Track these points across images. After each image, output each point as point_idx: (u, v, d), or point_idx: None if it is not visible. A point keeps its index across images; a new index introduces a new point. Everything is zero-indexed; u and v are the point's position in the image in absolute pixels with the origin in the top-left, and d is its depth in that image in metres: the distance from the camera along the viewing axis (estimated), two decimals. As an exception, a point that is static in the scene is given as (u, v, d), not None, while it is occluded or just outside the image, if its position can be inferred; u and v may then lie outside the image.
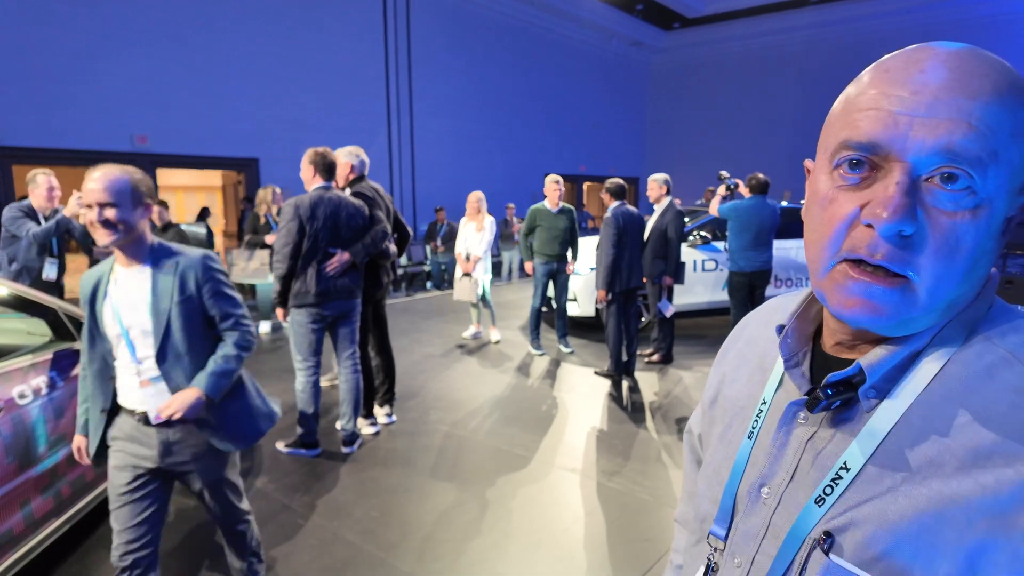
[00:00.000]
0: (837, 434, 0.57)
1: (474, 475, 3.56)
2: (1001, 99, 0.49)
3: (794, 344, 0.65)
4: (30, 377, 2.44)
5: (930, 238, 0.50)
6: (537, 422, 4.34)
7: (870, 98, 0.53)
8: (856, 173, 0.53)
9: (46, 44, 8.89)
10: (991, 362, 0.52)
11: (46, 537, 2.44)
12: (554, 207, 5.77)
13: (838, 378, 0.57)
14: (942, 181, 0.50)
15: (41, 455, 2.41)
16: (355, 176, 3.99)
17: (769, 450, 0.63)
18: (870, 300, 0.52)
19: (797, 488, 0.59)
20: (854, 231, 0.53)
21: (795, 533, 0.57)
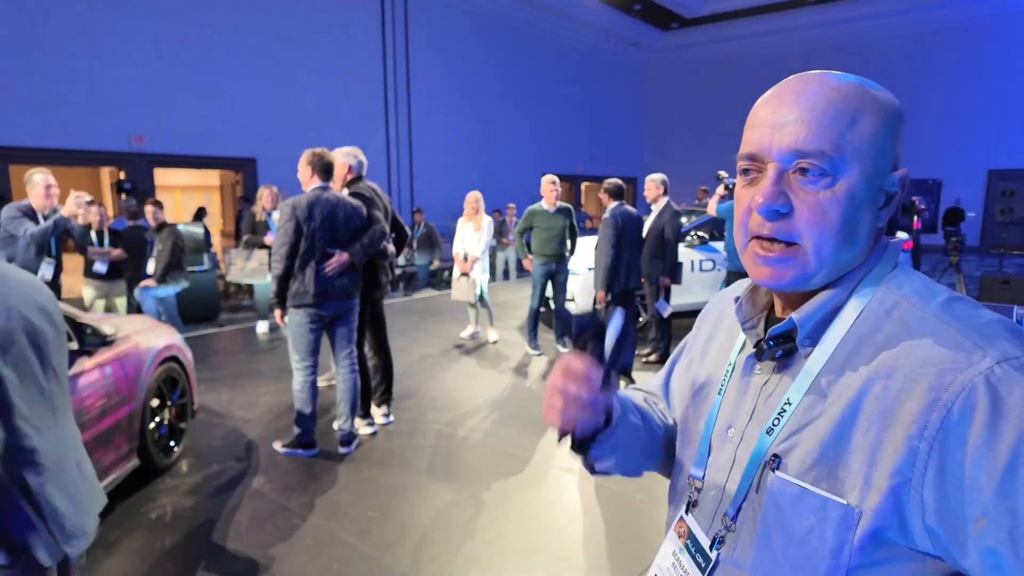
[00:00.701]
0: (783, 378, 0.72)
1: (471, 475, 3.56)
2: (835, 107, 0.66)
3: (748, 310, 0.79)
4: (26, 378, 2.43)
5: (801, 211, 0.66)
6: (534, 422, 4.34)
7: (755, 119, 0.71)
8: (749, 176, 0.71)
9: (44, 44, 8.88)
10: (890, 306, 0.67)
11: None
12: (551, 207, 5.76)
13: (778, 331, 0.72)
14: (801, 172, 0.66)
15: (37, 456, 2.41)
16: (353, 176, 3.98)
17: (734, 398, 0.78)
18: (772, 267, 0.68)
19: (754, 425, 0.73)
20: (752, 216, 0.70)
21: (753, 459, 0.71)
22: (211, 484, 3.43)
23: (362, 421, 4.11)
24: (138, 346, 3.32)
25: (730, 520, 0.72)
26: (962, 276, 8.99)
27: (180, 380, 3.75)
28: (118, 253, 6.36)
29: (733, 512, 0.72)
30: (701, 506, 0.79)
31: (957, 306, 0.64)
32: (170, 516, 3.08)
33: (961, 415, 0.56)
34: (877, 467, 0.59)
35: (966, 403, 0.56)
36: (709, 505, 0.77)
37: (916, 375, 0.59)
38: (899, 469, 0.58)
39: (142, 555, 2.75)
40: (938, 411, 0.57)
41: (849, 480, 0.61)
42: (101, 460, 2.87)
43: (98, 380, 2.88)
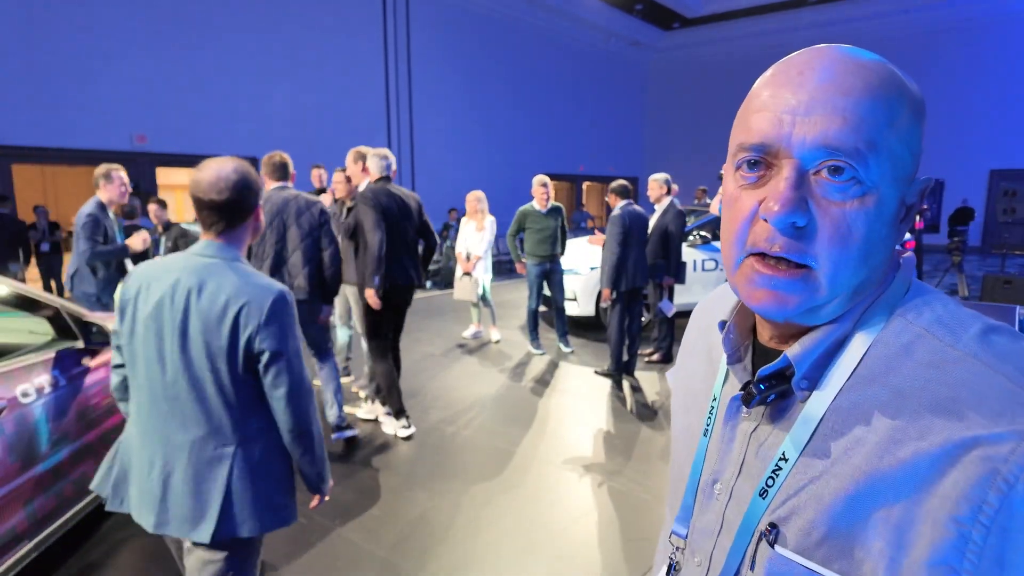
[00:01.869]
0: (776, 426, 0.59)
1: (475, 475, 3.57)
2: (872, 94, 0.52)
3: (736, 339, 0.65)
4: (33, 376, 2.44)
5: (824, 227, 0.53)
6: (537, 422, 4.35)
7: (761, 102, 0.56)
8: (754, 172, 0.56)
9: (46, 43, 8.89)
10: (908, 340, 0.54)
11: (48, 536, 2.45)
12: (543, 208, 5.79)
13: (769, 372, 0.59)
14: (828, 174, 0.53)
15: (44, 454, 2.42)
16: (379, 177, 3.98)
17: (719, 446, 0.64)
18: (775, 291, 0.55)
19: (744, 482, 0.60)
20: (755, 226, 0.56)
21: (745, 527, 0.58)
22: (216, 482, 3.44)
23: (397, 423, 4.09)
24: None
25: None
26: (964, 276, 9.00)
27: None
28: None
29: None
30: (684, 573, 0.68)
31: (998, 341, 0.51)
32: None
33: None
34: (908, 552, 0.47)
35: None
36: (693, 573, 0.66)
37: (961, 439, 0.47)
38: (942, 559, 0.46)
39: (148, 554, 2.77)
40: (996, 488, 0.45)
41: (868, 562, 0.49)
42: (107, 458, 2.88)
43: (104, 378, 2.88)
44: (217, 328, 1.52)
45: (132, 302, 1.60)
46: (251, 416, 1.59)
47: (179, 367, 1.54)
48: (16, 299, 2.61)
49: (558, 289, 5.96)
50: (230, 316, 1.52)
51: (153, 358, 1.56)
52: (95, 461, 2.75)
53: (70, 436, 2.58)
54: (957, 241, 9.13)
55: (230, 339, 1.52)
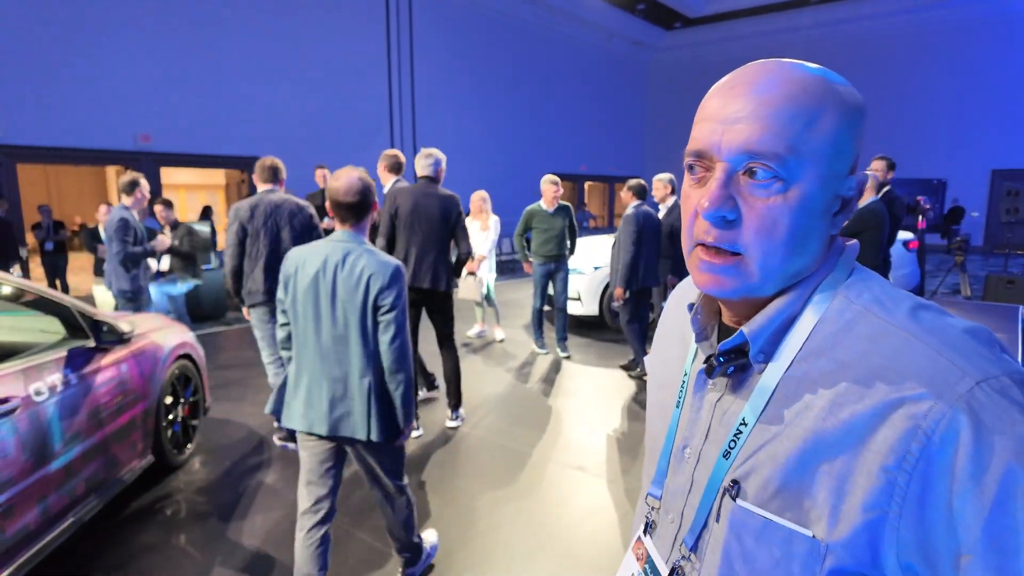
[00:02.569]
0: (737, 395, 0.67)
1: (480, 473, 3.58)
2: (793, 104, 0.59)
3: (703, 319, 0.73)
4: (45, 374, 2.46)
5: (750, 220, 0.60)
6: (543, 420, 4.36)
7: (703, 113, 0.65)
8: (696, 175, 0.65)
9: (50, 43, 8.90)
10: (850, 318, 0.61)
11: (61, 533, 2.47)
12: (550, 207, 5.76)
13: (728, 346, 0.66)
14: (752, 175, 0.60)
15: (56, 452, 2.43)
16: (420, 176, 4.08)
17: (689, 415, 0.73)
18: (715, 275, 0.63)
19: (710, 446, 0.68)
20: (697, 221, 0.64)
21: (711, 484, 0.66)
22: (224, 481, 3.45)
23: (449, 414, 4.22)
24: (153, 344, 3.35)
25: (688, 550, 0.68)
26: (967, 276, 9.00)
27: (193, 378, 3.77)
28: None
29: (692, 541, 0.68)
30: (659, 530, 0.75)
31: (925, 316, 0.59)
32: (185, 512, 3.11)
33: (943, 444, 0.51)
34: (846, 499, 0.55)
35: (948, 432, 0.51)
36: (667, 530, 0.73)
37: (890, 400, 0.54)
38: (874, 503, 0.54)
39: (160, 551, 2.78)
40: (918, 440, 0.52)
41: (815, 510, 0.57)
42: (118, 456, 2.90)
43: (114, 377, 2.90)
44: (355, 291, 2.12)
45: (292, 277, 2.20)
46: (376, 359, 2.19)
47: (332, 323, 2.15)
48: (28, 298, 2.62)
49: (561, 290, 5.90)
50: (363, 282, 2.12)
51: (310, 316, 2.17)
52: (106, 459, 2.78)
53: (81, 434, 2.59)
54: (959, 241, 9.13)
55: (363, 299, 2.13)
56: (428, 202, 3.98)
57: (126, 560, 2.71)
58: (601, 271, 6.87)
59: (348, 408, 2.16)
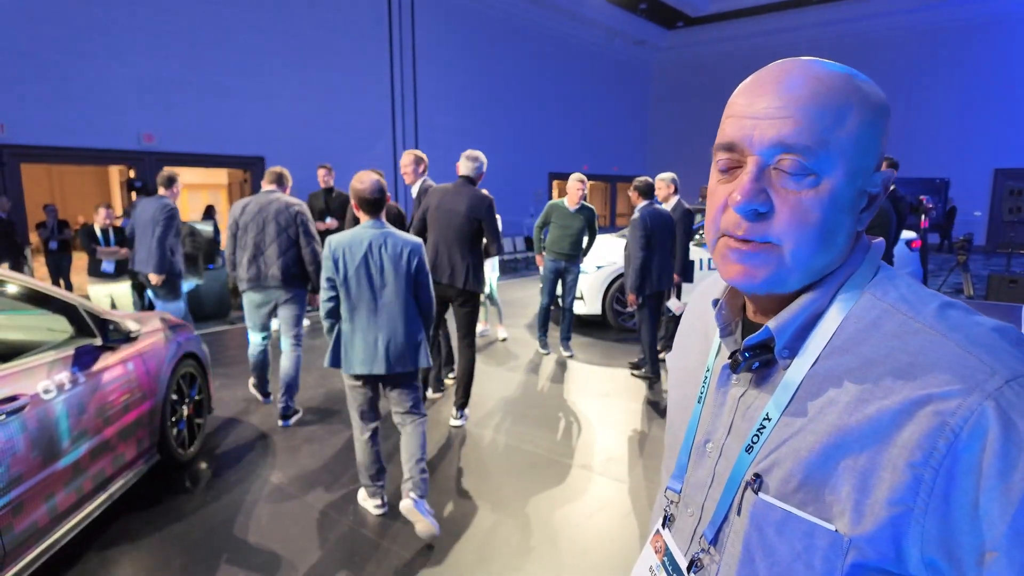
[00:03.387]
0: (761, 390, 0.67)
1: (485, 472, 3.59)
2: (823, 99, 0.61)
3: (727, 315, 0.74)
4: (53, 373, 2.47)
5: (783, 211, 0.61)
6: (547, 419, 4.38)
7: (733, 108, 0.66)
8: (726, 169, 0.66)
9: (54, 43, 8.93)
10: (876, 315, 0.62)
11: (69, 530, 2.48)
12: (572, 206, 5.71)
13: (753, 342, 0.67)
14: (785, 167, 0.61)
15: (65, 449, 2.45)
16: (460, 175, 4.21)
17: (712, 409, 0.73)
18: (745, 264, 0.63)
19: (733, 440, 0.69)
20: (725, 214, 0.65)
21: (733, 478, 0.67)
22: (230, 479, 3.47)
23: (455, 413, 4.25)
24: (159, 342, 3.36)
25: (708, 543, 0.69)
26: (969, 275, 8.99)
27: (198, 376, 3.79)
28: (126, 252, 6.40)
29: (712, 535, 0.68)
30: (678, 523, 0.76)
31: (952, 314, 0.59)
32: (191, 510, 3.12)
33: (970, 441, 0.52)
34: (871, 494, 0.55)
35: (975, 428, 0.51)
36: (687, 523, 0.74)
37: (917, 397, 0.55)
38: (900, 498, 0.54)
39: (166, 548, 2.79)
40: (945, 437, 0.52)
41: (837, 505, 0.57)
42: (124, 453, 2.91)
43: (121, 375, 2.92)
44: (399, 262, 2.87)
45: (341, 258, 2.84)
46: (415, 314, 2.96)
47: (383, 289, 2.88)
48: (36, 297, 2.64)
49: (569, 290, 5.86)
50: (404, 255, 2.89)
51: (366, 286, 2.86)
52: (113, 456, 2.79)
53: (89, 432, 2.61)
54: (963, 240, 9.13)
55: (406, 268, 2.89)
56: (455, 200, 4.06)
57: (132, 557, 2.73)
58: (604, 270, 6.87)
59: (401, 351, 2.90)
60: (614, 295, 6.90)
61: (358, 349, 2.87)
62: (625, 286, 5.09)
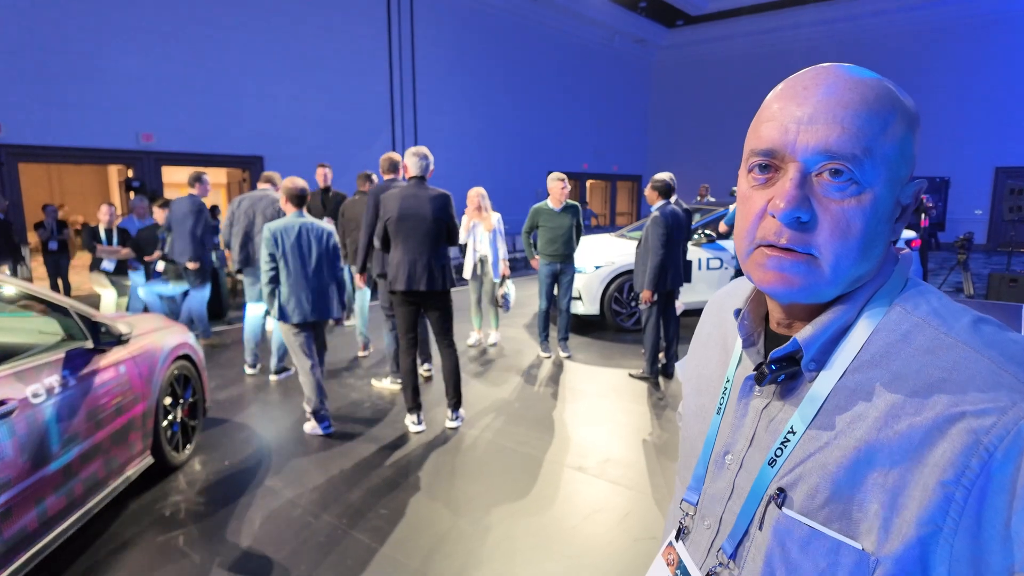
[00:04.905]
0: (786, 403, 0.66)
1: (482, 474, 3.58)
2: (869, 107, 0.59)
3: (750, 325, 0.73)
4: (43, 376, 2.46)
5: (825, 222, 0.60)
6: (545, 421, 4.36)
7: (771, 112, 0.64)
8: (763, 175, 0.63)
9: (52, 43, 8.91)
10: (907, 329, 0.61)
11: (59, 535, 2.47)
12: (557, 206, 5.70)
13: (780, 354, 0.65)
14: (829, 175, 0.59)
15: (55, 454, 2.43)
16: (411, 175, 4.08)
17: (732, 421, 0.71)
18: (783, 273, 0.62)
19: (755, 452, 0.67)
20: (764, 222, 0.63)
21: (754, 492, 0.65)
22: (224, 481, 3.45)
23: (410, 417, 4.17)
24: (151, 345, 3.34)
25: (727, 557, 0.67)
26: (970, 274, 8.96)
27: (192, 378, 3.77)
28: (126, 252, 6.40)
29: (731, 549, 0.66)
30: (694, 536, 0.74)
31: (986, 330, 0.58)
32: (184, 513, 3.10)
33: (1005, 460, 0.50)
34: (900, 512, 0.54)
35: (1011, 448, 0.50)
36: (703, 536, 0.72)
37: (950, 414, 0.53)
38: (930, 517, 0.52)
39: (158, 552, 2.78)
40: (978, 455, 0.51)
41: (865, 522, 0.56)
42: (116, 457, 2.90)
43: (113, 378, 2.90)
44: (321, 241, 3.99)
45: (280, 239, 3.87)
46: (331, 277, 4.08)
47: (311, 261, 3.95)
48: (26, 300, 2.62)
49: (565, 291, 5.84)
50: (324, 236, 4.02)
51: (299, 263, 3.91)
52: (104, 460, 2.78)
53: (80, 436, 2.59)
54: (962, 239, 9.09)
55: (326, 245, 4.01)
56: (418, 204, 3.96)
57: (123, 562, 2.71)
58: (603, 270, 6.85)
59: (324, 304, 4.03)
60: (612, 295, 6.88)
61: (293, 304, 3.90)
62: (636, 284, 5.07)
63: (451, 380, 4.19)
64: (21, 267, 8.15)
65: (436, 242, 4.01)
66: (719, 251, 7.01)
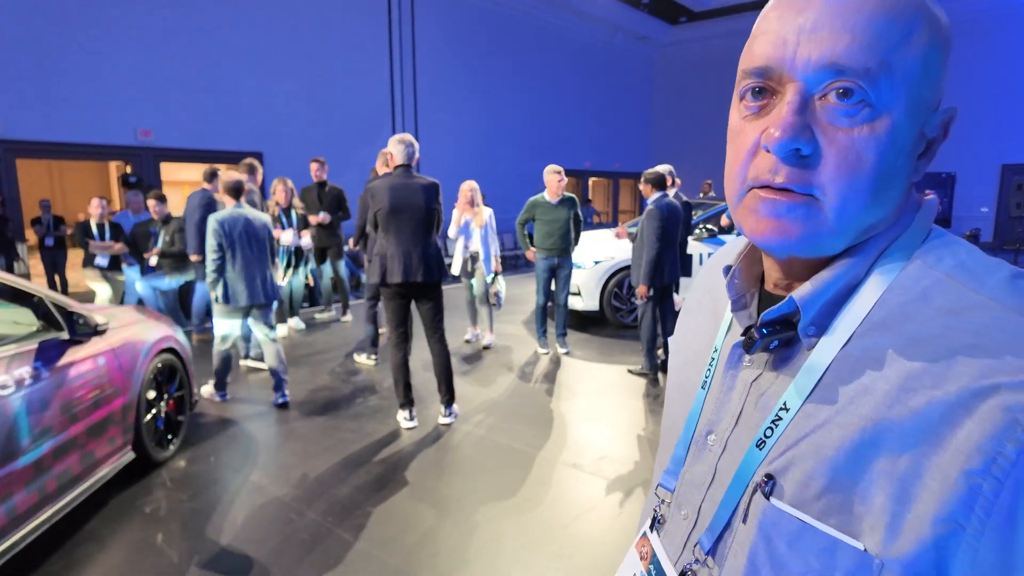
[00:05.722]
0: (780, 374, 0.55)
1: (473, 471, 3.48)
2: (887, 10, 0.48)
3: (741, 285, 0.62)
4: (13, 367, 2.37)
5: (830, 155, 0.49)
6: (541, 418, 4.26)
7: (767, 23, 0.53)
8: (756, 101, 0.53)
9: (50, 38, 8.85)
10: (926, 286, 0.50)
11: (30, 532, 2.38)
12: (553, 198, 5.59)
13: (773, 316, 0.55)
14: (836, 97, 0.49)
15: (24, 447, 2.35)
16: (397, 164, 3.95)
17: (718, 396, 0.61)
18: (778, 220, 0.51)
19: (741, 432, 0.57)
20: (757, 159, 0.52)
21: (739, 478, 0.55)
22: (208, 478, 3.37)
23: (402, 413, 4.07)
24: (133, 337, 3.26)
25: (704, 553, 0.57)
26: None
27: (178, 372, 3.69)
28: (118, 247, 6.34)
29: (710, 543, 0.57)
30: (669, 527, 0.64)
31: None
32: (165, 510, 3.02)
33: None
34: (912, 506, 0.44)
35: None
36: (679, 527, 0.62)
37: (979, 387, 0.43)
38: (950, 514, 0.42)
39: (136, 550, 2.69)
40: (1014, 440, 0.41)
41: (868, 518, 0.46)
42: (94, 452, 2.81)
43: (90, 370, 2.81)
44: (261, 232, 4.27)
45: (228, 229, 4.09)
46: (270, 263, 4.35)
47: (252, 250, 4.19)
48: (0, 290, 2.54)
49: (563, 286, 5.73)
50: (264, 228, 4.30)
51: (246, 247, 4.17)
52: (80, 455, 2.69)
53: (52, 429, 2.50)
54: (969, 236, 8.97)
55: (267, 234, 4.32)
56: (410, 195, 3.85)
57: (98, 561, 2.62)
58: (602, 265, 6.75)
59: (264, 289, 4.28)
60: (612, 290, 6.77)
61: (239, 289, 4.17)
62: (632, 279, 4.97)
63: (443, 376, 4.08)
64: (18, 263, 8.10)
65: (428, 232, 3.92)
66: (719, 246, 6.89)
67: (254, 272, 4.19)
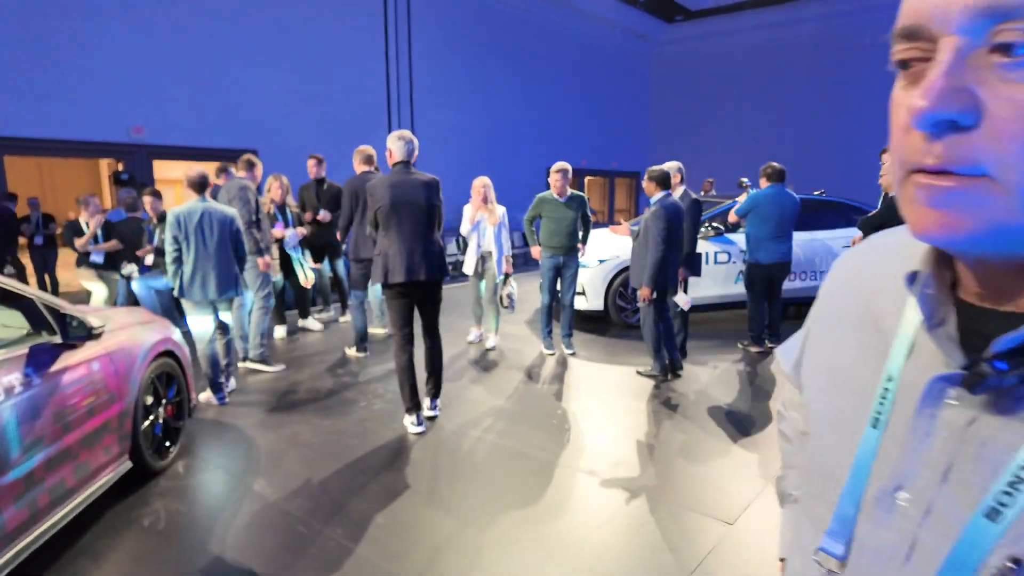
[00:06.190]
0: (1011, 420, 0.42)
1: (484, 478, 3.35)
2: None
3: (935, 297, 0.48)
4: (2, 375, 2.22)
5: (1001, 117, 0.38)
6: (551, 422, 4.13)
7: None
8: (911, 68, 0.43)
9: (41, 34, 8.65)
10: None
11: (22, 550, 2.23)
12: (560, 196, 5.46)
13: (1011, 345, 0.41)
14: (1000, 50, 0.38)
15: (14, 460, 2.19)
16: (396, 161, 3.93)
17: (905, 439, 0.47)
18: (944, 210, 0.40)
19: (953, 493, 0.44)
20: (910, 136, 0.42)
21: (960, 558, 0.41)
22: (209, 487, 3.22)
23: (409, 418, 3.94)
24: (130, 340, 3.10)
25: None
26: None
27: (176, 376, 3.54)
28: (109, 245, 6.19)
29: None
30: None
31: None
32: (164, 522, 2.87)
33: None
34: None
35: None
36: None
37: None
38: None
39: (133, 564, 2.54)
40: None
41: None
42: (89, 463, 2.66)
43: (84, 376, 2.66)
44: (223, 225, 4.20)
45: (184, 223, 4.09)
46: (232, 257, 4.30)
47: (215, 243, 4.15)
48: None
49: (568, 285, 5.59)
50: (226, 222, 4.23)
51: (202, 243, 4.11)
52: (74, 466, 2.54)
53: (44, 439, 2.35)
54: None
55: (229, 228, 4.23)
56: (412, 192, 3.76)
57: (97, 574, 2.48)
58: (607, 264, 6.63)
59: (227, 283, 4.22)
60: (617, 290, 6.65)
61: (198, 284, 4.13)
62: (632, 280, 4.83)
63: (433, 369, 4.07)
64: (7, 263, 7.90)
65: (430, 229, 3.82)
66: (727, 244, 6.78)
67: (208, 266, 4.13)
